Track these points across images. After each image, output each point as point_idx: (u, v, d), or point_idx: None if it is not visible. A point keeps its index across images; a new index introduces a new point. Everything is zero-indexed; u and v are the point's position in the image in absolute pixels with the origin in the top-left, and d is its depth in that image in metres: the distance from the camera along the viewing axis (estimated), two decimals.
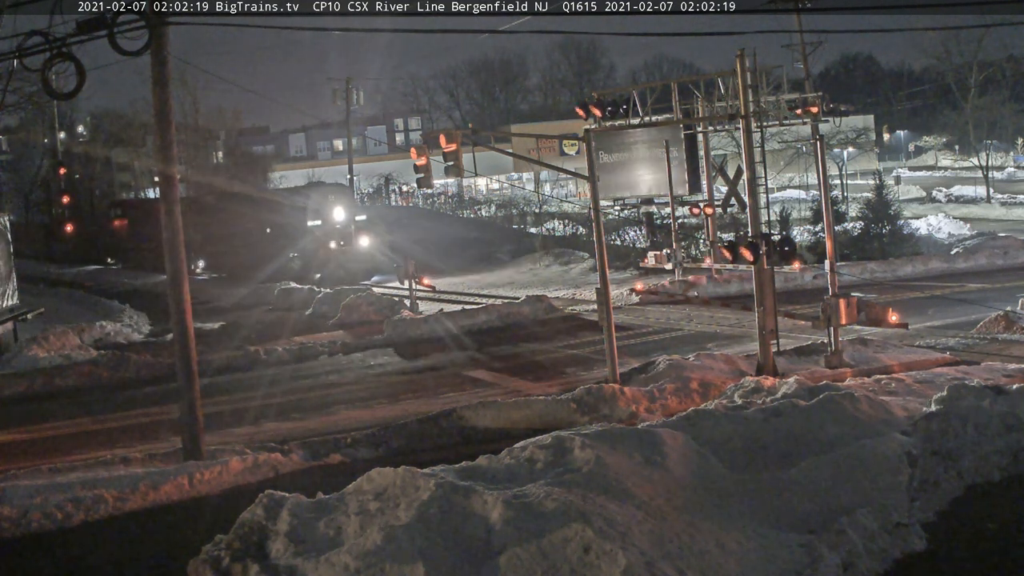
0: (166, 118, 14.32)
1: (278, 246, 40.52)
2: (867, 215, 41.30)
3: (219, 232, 44.18)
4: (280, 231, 41.18)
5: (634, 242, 42.83)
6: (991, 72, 71.27)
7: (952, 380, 15.22)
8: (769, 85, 26.26)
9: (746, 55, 19.42)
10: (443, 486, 9.60)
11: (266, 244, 41.51)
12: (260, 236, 42.05)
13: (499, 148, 23.85)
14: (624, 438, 11.01)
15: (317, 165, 76.61)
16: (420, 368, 22.29)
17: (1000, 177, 70.43)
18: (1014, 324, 20.74)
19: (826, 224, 20.02)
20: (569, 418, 15.71)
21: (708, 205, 29.97)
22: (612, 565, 8.51)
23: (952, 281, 29.72)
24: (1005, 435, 12.01)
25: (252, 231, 42.31)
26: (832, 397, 12.73)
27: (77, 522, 12.41)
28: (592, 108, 22.61)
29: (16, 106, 32.11)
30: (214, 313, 33.20)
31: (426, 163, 20.19)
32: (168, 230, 14.47)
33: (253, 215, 42.07)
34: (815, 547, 9.40)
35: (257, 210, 42.25)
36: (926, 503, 10.76)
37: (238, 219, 42.80)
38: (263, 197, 45.82)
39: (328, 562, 8.92)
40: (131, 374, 22.83)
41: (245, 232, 42.68)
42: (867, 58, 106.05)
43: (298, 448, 14.82)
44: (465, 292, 35.03)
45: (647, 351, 21.52)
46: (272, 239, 41.39)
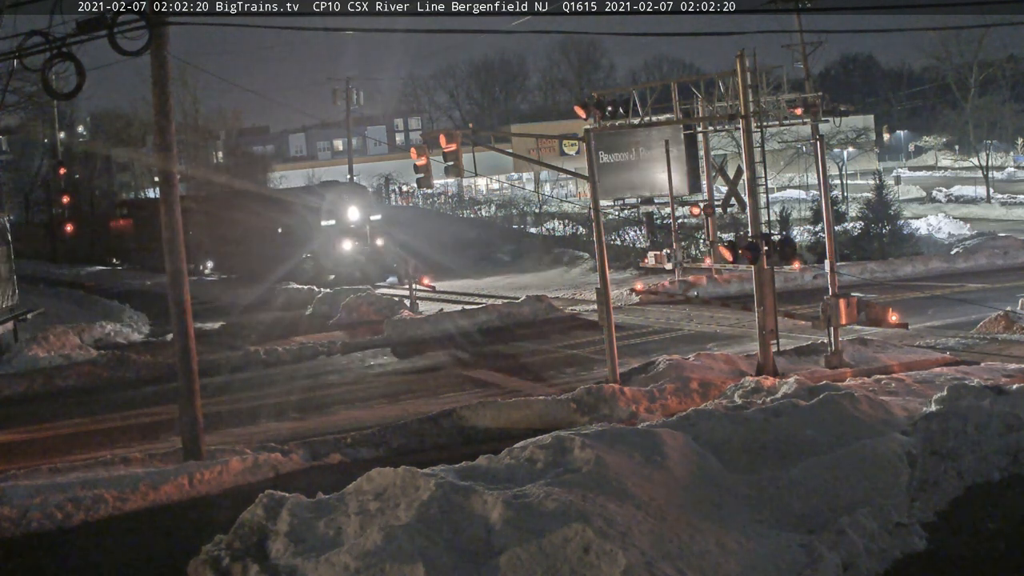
0: (166, 118, 14.32)
1: (290, 246, 39.56)
2: (867, 215, 41.32)
3: (228, 232, 43.34)
4: (292, 231, 40.28)
5: (634, 242, 42.84)
6: (991, 72, 71.28)
7: (952, 380, 15.23)
8: (769, 85, 26.24)
9: (746, 55, 19.41)
10: (443, 486, 9.60)
11: (277, 244, 40.60)
12: (271, 236, 41.12)
13: (499, 148, 23.88)
14: (624, 438, 11.01)
15: (317, 165, 76.57)
16: (420, 368, 22.29)
17: (1000, 177, 70.44)
18: (1014, 324, 20.74)
19: (826, 224, 20.02)
20: (569, 418, 15.71)
21: (708, 205, 29.97)
22: (612, 565, 8.51)
23: (952, 281, 29.72)
24: (1005, 435, 12.01)
25: (263, 231, 41.39)
26: (832, 397, 12.73)
27: (77, 522, 12.39)
28: (592, 108, 22.60)
29: (16, 106, 32.09)
30: (220, 313, 33.17)
31: (426, 163, 20.20)
32: (168, 230, 14.47)
33: (264, 215, 41.17)
34: (815, 547, 9.40)
35: (268, 209, 41.39)
36: (926, 503, 10.76)
37: (248, 219, 41.83)
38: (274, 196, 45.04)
39: (328, 562, 8.92)
40: (131, 374, 22.83)
41: (255, 232, 41.79)
42: (867, 58, 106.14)
43: (298, 448, 14.81)
44: (464, 292, 35.01)
45: (647, 351, 21.52)
46: (284, 239, 40.48)
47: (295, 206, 40.12)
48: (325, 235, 38.95)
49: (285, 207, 40.65)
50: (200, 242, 44.83)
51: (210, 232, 43.49)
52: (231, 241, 43.48)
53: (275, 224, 40.89)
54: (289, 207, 40.43)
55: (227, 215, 43.40)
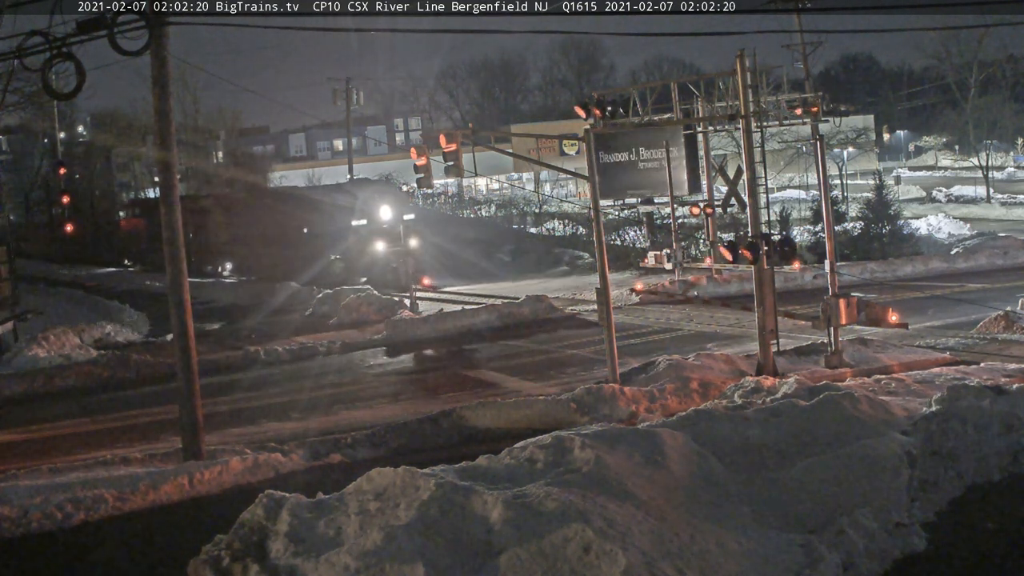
0: (166, 118, 14.32)
1: (316, 247, 37.31)
2: (867, 215, 41.34)
3: (248, 232, 41.52)
4: (318, 231, 37.97)
5: (634, 242, 42.82)
6: (991, 72, 71.28)
7: (952, 380, 15.24)
8: (769, 85, 26.29)
9: (746, 55, 19.42)
10: (443, 486, 9.60)
11: (302, 245, 38.38)
12: (295, 236, 38.85)
13: (499, 148, 23.87)
14: (624, 438, 11.01)
15: (317, 165, 76.53)
16: (420, 368, 22.30)
17: (1000, 177, 70.44)
18: (1014, 324, 20.74)
19: (826, 224, 20.02)
20: (569, 418, 15.70)
21: (708, 205, 29.98)
22: (612, 565, 8.51)
23: (952, 281, 29.72)
24: (1005, 435, 12.01)
25: (286, 231, 39.21)
26: (832, 397, 12.72)
27: (77, 522, 12.40)
28: (592, 108, 22.60)
29: (16, 106, 32.09)
30: (220, 313, 33.08)
31: (426, 163, 20.22)
32: (168, 230, 14.48)
33: (287, 213, 39.29)
34: (815, 547, 9.40)
35: (292, 208, 39.51)
36: (926, 503, 10.76)
37: (270, 218, 40.12)
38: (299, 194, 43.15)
39: (328, 562, 8.92)
40: (131, 374, 22.84)
41: (278, 232, 39.60)
42: (867, 58, 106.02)
43: (298, 448, 14.81)
44: (464, 292, 34.99)
45: (647, 351, 21.51)
46: (310, 239, 38.24)
47: (323, 205, 38.16)
48: (356, 235, 36.74)
49: (310, 205, 38.79)
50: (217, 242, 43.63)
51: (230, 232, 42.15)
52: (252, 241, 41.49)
53: (300, 223, 38.82)
54: (315, 206, 38.52)
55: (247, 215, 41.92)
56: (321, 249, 37.17)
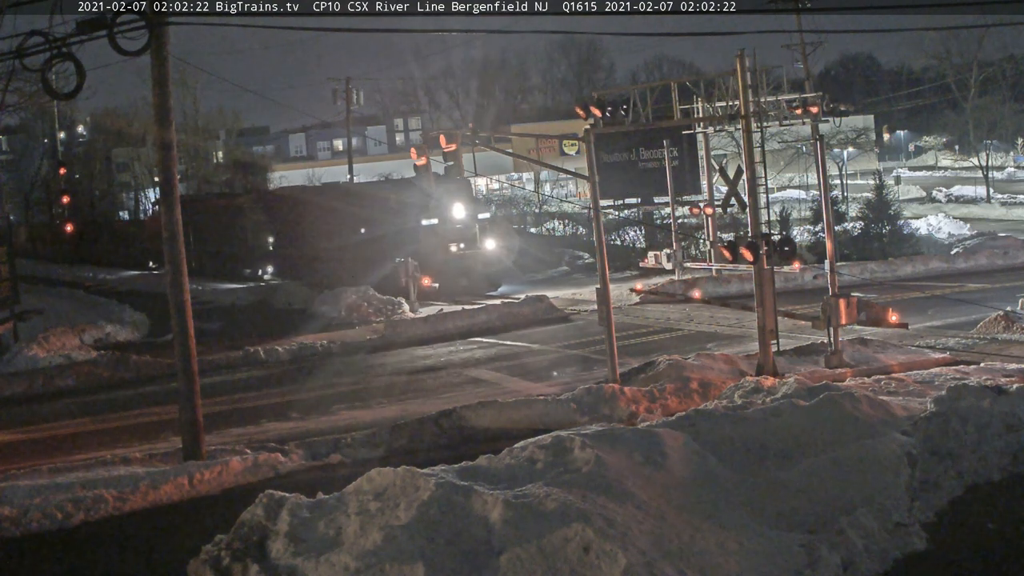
0: (166, 118, 14.32)
1: (376, 249, 33.34)
2: (867, 215, 41.31)
3: (296, 233, 38.21)
4: (379, 231, 33.84)
5: (634, 242, 42.83)
6: (991, 72, 71.27)
7: (952, 380, 15.23)
8: (769, 85, 26.28)
9: (746, 55, 19.43)
10: (443, 486, 9.60)
11: (360, 247, 34.42)
12: (352, 237, 34.81)
13: (499, 148, 23.83)
14: (624, 438, 11.00)
15: (317, 165, 76.55)
16: (420, 368, 22.29)
17: (1000, 177, 70.42)
18: (1014, 324, 20.73)
19: (826, 224, 20.02)
20: (569, 418, 15.69)
21: (708, 205, 29.98)
22: (612, 565, 8.51)
23: (952, 281, 29.72)
24: (1005, 435, 12.01)
25: (341, 231, 35.35)
26: (832, 397, 12.72)
27: (77, 522, 12.39)
28: (592, 108, 22.60)
29: (16, 106, 32.10)
30: (221, 314, 33.01)
31: (426, 163, 20.21)
32: (168, 230, 14.49)
33: (342, 212, 35.57)
34: (815, 547, 9.39)
35: (348, 206, 35.63)
36: (926, 503, 10.75)
37: (322, 217, 36.49)
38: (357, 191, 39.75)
39: (328, 562, 8.92)
40: (131, 374, 22.84)
41: (331, 232, 35.72)
42: (867, 58, 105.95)
43: (298, 448, 14.81)
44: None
45: (647, 351, 21.52)
46: (369, 241, 34.25)
47: (386, 202, 34.41)
48: (425, 236, 32.99)
49: (370, 203, 35.18)
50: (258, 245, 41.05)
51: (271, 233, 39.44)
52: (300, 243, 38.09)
53: (357, 223, 34.92)
54: (377, 203, 34.85)
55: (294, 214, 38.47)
56: (381, 251, 33.16)
